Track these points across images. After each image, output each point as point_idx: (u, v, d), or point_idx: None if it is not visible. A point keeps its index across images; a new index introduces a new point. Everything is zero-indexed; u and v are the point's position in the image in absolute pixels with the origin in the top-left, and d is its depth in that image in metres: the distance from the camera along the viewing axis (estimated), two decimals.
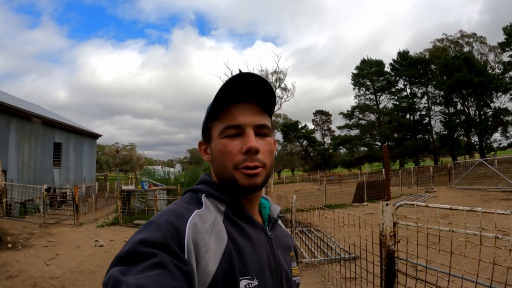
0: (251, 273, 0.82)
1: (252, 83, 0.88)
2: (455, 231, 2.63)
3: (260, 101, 0.93)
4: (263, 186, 0.92)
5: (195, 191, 0.95)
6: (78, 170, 23.83)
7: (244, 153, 0.87)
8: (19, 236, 9.62)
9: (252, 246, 0.87)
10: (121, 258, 0.68)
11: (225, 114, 0.90)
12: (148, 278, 0.61)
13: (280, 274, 0.92)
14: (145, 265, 0.65)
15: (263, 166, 0.90)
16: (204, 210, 0.86)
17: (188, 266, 0.70)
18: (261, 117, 0.92)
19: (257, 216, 1.01)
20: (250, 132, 0.88)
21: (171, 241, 0.71)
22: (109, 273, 0.64)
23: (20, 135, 16.43)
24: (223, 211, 0.90)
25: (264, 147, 0.91)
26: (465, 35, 47.46)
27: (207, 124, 0.96)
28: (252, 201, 0.97)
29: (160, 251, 0.68)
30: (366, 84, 53.25)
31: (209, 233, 0.80)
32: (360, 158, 53.03)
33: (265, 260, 0.88)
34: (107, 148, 73.93)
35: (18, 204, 14.08)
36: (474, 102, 42.99)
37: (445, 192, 17.26)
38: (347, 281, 4.87)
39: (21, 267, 6.84)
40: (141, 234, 0.73)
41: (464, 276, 2.52)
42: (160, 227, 0.73)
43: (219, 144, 0.90)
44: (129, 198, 13.81)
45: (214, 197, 0.92)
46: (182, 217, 0.79)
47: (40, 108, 24.91)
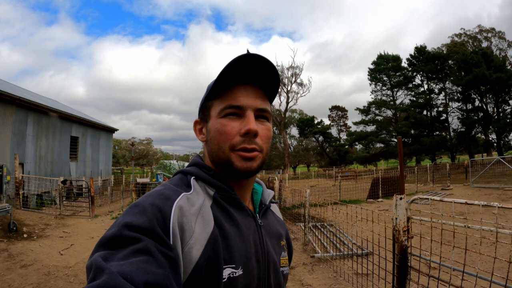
0: (236, 262, 0.80)
1: (258, 65, 0.86)
2: (471, 227, 2.56)
3: (263, 85, 0.91)
4: (258, 171, 0.90)
5: (185, 173, 0.93)
6: (94, 164, 24.16)
7: (243, 135, 0.85)
8: (35, 227, 9.81)
9: (240, 234, 0.85)
10: (106, 242, 0.66)
11: (227, 94, 0.88)
12: (132, 265, 0.60)
13: (268, 265, 0.89)
14: (129, 251, 0.64)
15: (260, 150, 0.88)
16: (192, 193, 0.84)
17: (173, 251, 0.69)
18: (262, 101, 0.90)
19: (248, 202, 0.98)
20: (250, 115, 0.86)
21: (156, 226, 0.69)
22: (92, 258, 0.62)
23: (37, 129, 16.73)
24: (212, 195, 0.87)
25: (263, 131, 0.89)
26: (483, 30, 46.48)
27: (206, 102, 0.94)
28: (245, 186, 0.95)
29: (145, 236, 0.67)
30: (382, 79, 52.65)
31: (195, 217, 0.78)
32: (376, 155, 52.53)
33: (253, 249, 0.86)
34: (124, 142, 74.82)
35: (34, 196, 14.38)
36: (492, 99, 42.12)
37: (462, 190, 16.96)
38: (359, 277, 4.81)
39: (35, 257, 6.97)
40: (126, 217, 0.71)
41: (478, 274, 2.45)
42: (145, 211, 0.72)
43: (217, 124, 0.88)
44: (144, 190, 13.95)
45: (204, 181, 0.89)
46: (169, 199, 0.77)
47: (57, 103, 25.29)
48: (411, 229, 3.15)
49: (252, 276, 0.83)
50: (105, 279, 0.56)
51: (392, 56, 51.79)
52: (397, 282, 3.10)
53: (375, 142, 51.99)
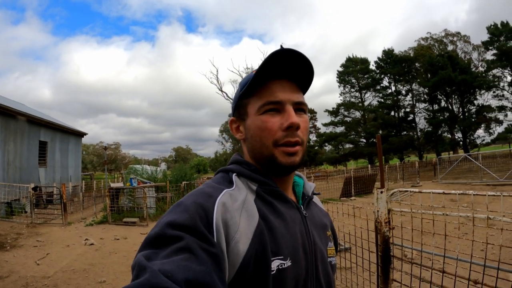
0: (284, 253, 0.80)
1: (292, 59, 0.87)
2: (449, 214, 2.72)
3: (297, 78, 0.92)
4: (301, 165, 0.91)
5: (227, 171, 0.94)
6: (64, 169, 23.47)
7: (285, 129, 0.86)
8: (7, 236, 9.47)
9: (285, 225, 0.85)
10: (150, 241, 0.68)
11: (263, 90, 0.89)
12: (173, 263, 0.61)
13: (315, 255, 0.89)
14: (171, 249, 0.65)
15: (302, 143, 0.89)
16: (234, 189, 0.85)
17: (217, 248, 0.69)
18: (298, 94, 0.92)
19: (290, 194, 0.98)
20: (290, 109, 0.87)
21: (198, 223, 0.70)
22: (136, 258, 0.64)
23: (5, 133, 16.07)
24: (254, 189, 0.88)
25: (303, 124, 0.90)
26: (449, 34, 48.41)
27: (241, 101, 0.94)
28: (286, 180, 0.95)
29: (187, 233, 0.68)
30: (351, 81, 53.70)
31: (239, 212, 0.79)
32: (345, 155, 53.50)
33: (299, 240, 0.86)
34: (92, 147, 73.10)
35: (4, 204, 13.85)
36: (458, 100, 43.92)
37: (431, 186, 17.54)
38: (343, 271, 4.94)
39: (11, 268, 6.72)
40: (169, 216, 0.72)
41: (458, 257, 2.60)
42: (188, 209, 0.73)
43: (258, 121, 0.88)
44: (118, 196, 13.69)
45: (245, 176, 0.90)
46: (211, 197, 0.78)
47: (24, 106, 24.39)
48: (392, 220, 3.30)
49: (301, 267, 0.83)
50: (147, 277, 0.57)
51: (361, 59, 52.91)
52: (381, 271, 3.23)
53: (345, 142, 52.99)
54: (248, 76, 0.92)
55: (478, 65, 45.85)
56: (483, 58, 44.79)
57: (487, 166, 18.18)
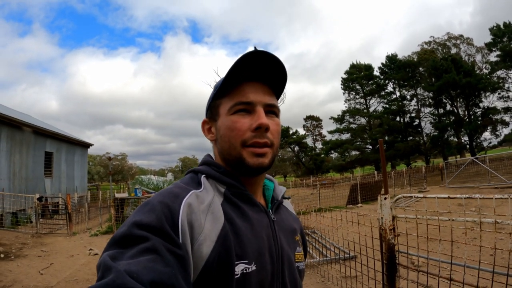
0: (249, 257, 0.79)
1: (265, 62, 0.87)
2: (455, 219, 2.64)
3: (270, 81, 0.92)
4: (270, 167, 0.90)
5: (196, 172, 0.94)
6: (69, 180, 23.56)
7: (254, 130, 0.85)
8: (12, 246, 9.48)
9: (252, 229, 0.84)
10: (116, 241, 0.68)
11: (236, 91, 0.89)
12: (139, 264, 0.61)
13: (282, 260, 0.88)
14: (137, 250, 0.65)
15: (271, 145, 0.88)
16: (202, 190, 0.84)
17: (182, 249, 0.69)
18: (270, 97, 0.92)
19: (260, 198, 0.98)
20: (260, 110, 0.87)
21: (165, 224, 0.70)
22: (101, 257, 0.63)
23: (11, 144, 16.19)
24: (222, 192, 0.87)
25: (274, 126, 0.89)
26: (452, 37, 48.21)
27: (214, 101, 0.94)
28: (256, 183, 0.95)
29: (153, 234, 0.68)
30: (355, 88, 53.58)
31: (205, 214, 0.78)
32: (351, 162, 53.25)
33: (266, 244, 0.85)
34: (98, 158, 73.45)
35: (9, 214, 13.89)
36: (463, 103, 43.59)
37: (438, 191, 17.37)
38: (348, 279, 4.86)
39: (15, 277, 6.72)
40: (136, 216, 0.72)
41: (466, 264, 2.52)
42: (154, 209, 0.72)
43: (228, 121, 0.88)
44: (123, 206, 13.68)
45: (214, 178, 0.90)
46: (178, 197, 0.77)
47: (30, 118, 24.60)
48: (397, 227, 3.22)
49: (266, 272, 0.82)
50: (112, 277, 0.57)
51: (365, 65, 52.87)
52: (387, 279, 3.15)
53: (351, 149, 52.76)
54: (222, 79, 0.91)
55: (482, 67, 45.56)
56: (487, 60, 44.51)
57: (494, 168, 17.96)
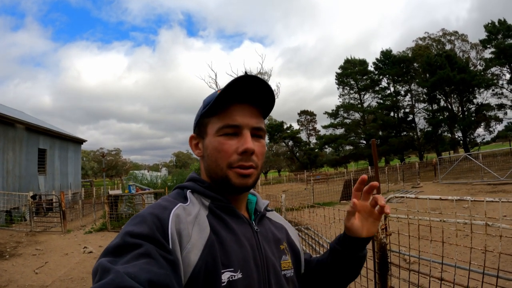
0: (234, 265, 0.82)
1: (254, 86, 0.91)
2: (446, 221, 2.67)
3: (259, 104, 0.96)
4: (253, 187, 0.96)
5: (182, 187, 0.98)
6: (63, 177, 23.44)
7: (240, 154, 0.89)
8: (6, 245, 9.44)
9: (236, 239, 0.87)
10: (110, 250, 0.71)
11: (224, 112, 0.92)
12: (135, 267, 0.64)
13: (267, 269, 0.91)
14: (131, 255, 0.68)
15: (256, 167, 0.93)
16: (188, 204, 0.89)
17: (173, 255, 0.74)
18: (258, 120, 0.95)
19: (243, 211, 1.01)
20: (247, 133, 0.91)
21: (156, 232, 0.74)
22: (98, 262, 0.67)
23: (4, 141, 16.04)
24: (207, 205, 0.92)
25: (259, 149, 0.93)
26: (447, 33, 48.37)
27: (203, 119, 0.97)
28: (239, 198, 0.99)
29: (146, 241, 0.71)
30: (350, 83, 53.61)
31: (192, 225, 0.82)
32: (345, 157, 53.38)
33: (250, 254, 0.88)
34: (92, 154, 73.08)
35: (3, 212, 13.81)
36: (457, 99, 43.79)
37: (432, 187, 17.49)
38: None
39: (9, 277, 6.70)
40: (128, 227, 0.76)
41: (456, 264, 2.56)
42: (145, 220, 0.77)
43: (215, 142, 0.92)
44: (117, 203, 13.63)
45: (199, 193, 0.94)
46: (166, 209, 0.82)
47: (23, 114, 24.40)
48: (389, 226, 3.25)
49: (252, 279, 0.84)
50: (112, 277, 0.60)
51: (359, 60, 52.88)
52: (379, 278, 3.19)
53: (345, 144, 52.89)
54: (212, 95, 0.96)
55: (477, 63, 45.84)
56: (481, 56, 44.83)
57: (487, 165, 18.09)
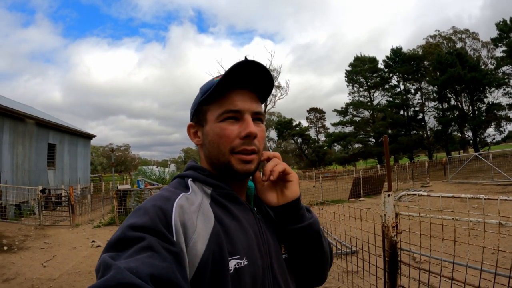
0: (240, 253, 0.83)
1: (254, 71, 0.91)
2: (458, 219, 2.62)
3: (257, 89, 0.96)
4: (255, 172, 0.96)
5: (183, 176, 0.97)
6: (72, 171, 23.66)
7: (243, 138, 0.90)
8: (15, 238, 9.55)
9: (240, 227, 0.88)
10: (112, 245, 0.70)
11: (224, 98, 0.92)
12: (137, 261, 0.64)
13: (270, 254, 0.92)
14: (134, 249, 0.67)
15: (258, 151, 0.93)
16: (190, 193, 0.88)
17: (177, 247, 0.72)
18: (257, 104, 0.96)
19: (244, 197, 1.02)
20: (249, 118, 0.91)
21: (158, 224, 0.73)
22: (100, 259, 0.66)
23: (13, 136, 16.24)
24: (209, 193, 0.91)
25: (260, 133, 0.94)
26: (457, 31, 47.82)
27: (201, 107, 0.97)
28: (240, 184, 0.99)
29: (148, 234, 0.71)
30: (359, 81, 53.32)
31: (196, 214, 0.82)
32: (354, 155, 53.17)
33: (254, 240, 0.89)
34: (101, 149, 73.63)
35: (13, 206, 13.97)
36: (467, 98, 43.24)
37: (441, 186, 17.34)
38: (349, 275, 4.85)
39: (17, 270, 6.77)
40: (130, 219, 0.75)
41: (468, 264, 2.51)
42: (147, 211, 0.76)
43: (216, 128, 0.92)
44: (125, 197, 13.73)
45: (200, 181, 0.94)
46: (169, 200, 0.81)
47: (33, 109, 24.66)
48: (400, 224, 3.21)
49: (257, 266, 0.85)
50: (113, 273, 0.60)
51: (369, 58, 52.55)
52: (388, 276, 3.14)
53: (354, 142, 52.66)
54: (210, 83, 0.96)
55: (488, 62, 45.27)
56: (492, 55, 44.26)
57: (497, 165, 17.88)
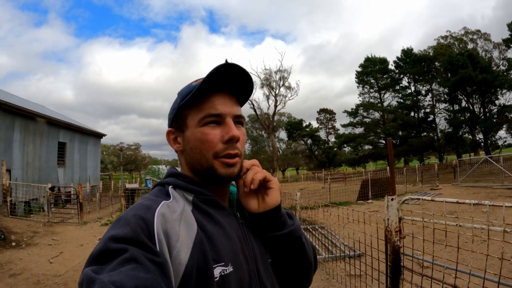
0: (225, 259, 0.82)
1: (234, 74, 0.90)
2: (462, 225, 2.58)
3: (237, 92, 0.95)
4: (239, 176, 0.94)
5: (163, 184, 0.95)
6: (82, 170, 23.89)
7: (225, 142, 0.89)
8: (23, 234, 9.66)
9: (223, 233, 0.87)
10: (94, 258, 0.68)
11: (204, 102, 0.91)
12: (121, 274, 0.62)
13: (255, 259, 0.91)
14: (117, 262, 0.65)
15: (240, 155, 0.92)
16: (172, 201, 0.86)
17: (161, 257, 0.71)
18: (238, 108, 0.95)
19: (226, 203, 1.01)
20: (230, 122, 0.90)
21: (141, 234, 0.71)
22: (83, 273, 0.64)
23: (24, 134, 16.47)
24: (191, 200, 0.90)
25: (242, 136, 0.93)
26: (469, 32, 47.15)
27: (181, 112, 0.95)
28: (222, 189, 0.98)
29: (131, 245, 0.69)
30: (370, 82, 52.87)
31: (178, 222, 0.80)
32: (364, 156, 52.75)
33: (238, 246, 0.87)
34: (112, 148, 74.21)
35: (22, 203, 14.15)
36: (478, 99, 42.64)
37: (450, 189, 17.14)
38: (352, 278, 4.82)
39: (24, 265, 6.86)
40: (111, 231, 0.73)
41: (471, 272, 2.46)
42: (129, 222, 0.74)
43: (198, 133, 0.90)
44: (133, 196, 13.83)
45: (181, 188, 0.92)
46: (150, 209, 0.79)
47: (44, 108, 24.98)
48: (403, 229, 3.17)
49: (243, 272, 0.84)
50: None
51: (379, 59, 52.11)
52: (390, 282, 3.11)
53: (364, 144, 52.23)
54: (189, 87, 0.94)
55: (499, 63, 44.59)
56: (504, 56, 43.57)
57: (508, 168, 17.61)
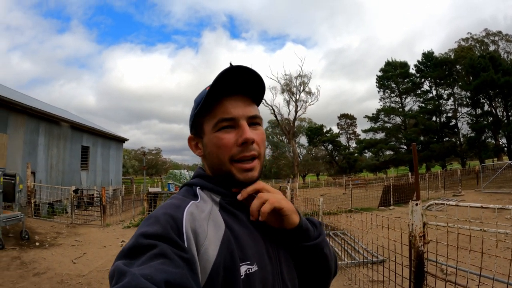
0: (250, 259, 0.83)
1: (242, 75, 0.90)
2: (486, 230, 2.55)
3: (250, 92, 0.95)
4: (258, 179, 0.94)
5: (191, 184, 0.98)
6: (105, 173, 24.32)
7: (240, 145, 0.89)
8: (47, 235, 9.86)
9: (250, 233, 0.89)
10: (125, 253, 0.71)
11: (217, 107, 0.92)
12: (151, 268, 0.65)
13: (279, 260, 0.92)
14: (147, 257, 0.68)
15: (258, 155, 0.93)
16: (200, 201, 0.89)
17: (189, 253, 0.73)
18: (252, 108, 0.95)
19: None
20: (244, 124, 0.91)
21: (170, 231, 0.74)
22: (114, 266, 0.67)
23: (49, 138, 16.94)
24: (218, 201, 0.92)
25: (258, 136, 0.93)
26: (490, 34, 45.88)
27: (197, 119, 0.98)
28: None
29: (160, 241, 0.72)
30: (391, 86, 52.17)
31: (206, 221, 0.83)
32: (385, 162, 51.94)
33: (263, 247, 0.89)
34: (133, 152, 75.26)
35: (46, 204, 14.50)
36: (501, 103, 41.43)
37: (473, 195, 16.76)
38: (374, 284, 4.78)
39: (48, 265, 6.99)
40: (142, 228, 0.76)
41: (495, 277, 2.44)
42: (159, 220, 0.77)
43: (213, 138, 0.92)
44: (156, 200, 14.01)
45: (208, 189, 0.94)
46: (179, 208, 0.82)
47: (68, 113, 25.56)
48: (427, 234, 3.15)
49: (267, 272, 0.86)
50: (128, 280, 0.61)
51: (400, 63, 51.42)
52: (414, 287, 3.09)
53: (385, 149, 51.52)
54: (202, 93, 0.96)
55: None
56: None
57: None
